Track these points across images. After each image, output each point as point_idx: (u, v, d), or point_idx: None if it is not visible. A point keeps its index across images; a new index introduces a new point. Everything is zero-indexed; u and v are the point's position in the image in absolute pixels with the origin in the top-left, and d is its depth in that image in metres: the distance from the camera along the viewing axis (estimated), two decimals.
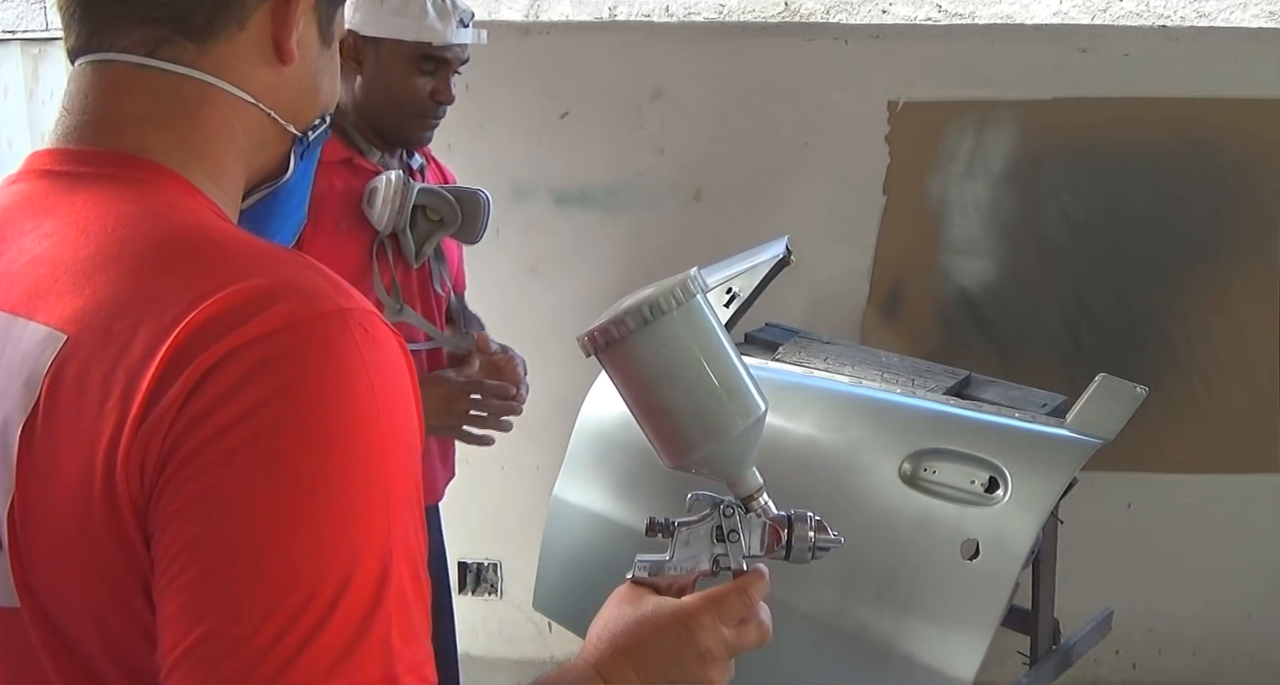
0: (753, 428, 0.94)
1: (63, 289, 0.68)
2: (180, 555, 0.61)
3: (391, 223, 1.74)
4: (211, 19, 0.74)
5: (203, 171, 0.76)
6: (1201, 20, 2.82)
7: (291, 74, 0.78)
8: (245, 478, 0.61)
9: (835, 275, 2.76)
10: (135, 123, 0.74)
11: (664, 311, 0.87)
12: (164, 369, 0.62)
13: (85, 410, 0.64)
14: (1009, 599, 1.56)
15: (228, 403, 0.61)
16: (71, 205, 0.72)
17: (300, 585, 0.60)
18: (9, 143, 2.59)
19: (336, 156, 1.77)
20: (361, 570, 0.62)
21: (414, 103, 1.78)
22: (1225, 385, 2.75)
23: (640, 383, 0.92)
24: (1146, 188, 2.70)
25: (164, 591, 0.61)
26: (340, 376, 0.64)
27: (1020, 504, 1.59)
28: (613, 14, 2.92)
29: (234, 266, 0.67)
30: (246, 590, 0.60)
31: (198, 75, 0.74)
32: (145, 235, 0.69)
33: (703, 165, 2.77)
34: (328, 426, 0.63)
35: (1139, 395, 1.71)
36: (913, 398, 1.85)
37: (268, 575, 0.60)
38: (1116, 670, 2.90)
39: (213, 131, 0.76)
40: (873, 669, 1.64)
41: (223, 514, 0.61)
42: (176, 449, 0.61)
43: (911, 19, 2.86)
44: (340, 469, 0.63)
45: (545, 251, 2.81)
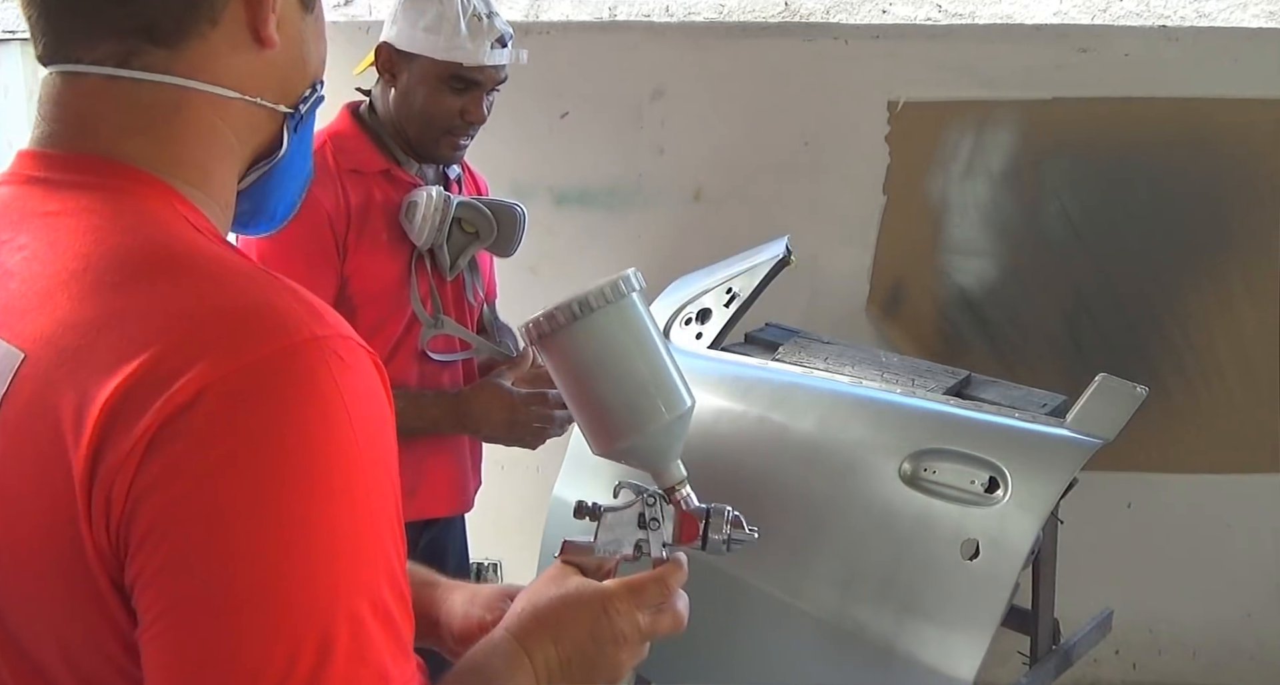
0: (677, 422, 1.00)
1: (27, 305, 0.66)
2: (165, 613, 0.60)
3: (431, 239, 1.73)
4: (180, 23, 0.71)
5: (185, 177, 0.73)
6: (1201, 20, 2.82)
7: (276, 55, 0.76)
8: (229, 528, 0.60)
9: (835, 275, 2.76)
10: (113, 130, 0.72)
11: (594, 308, 0.92)
12: (126, 402, 0.60)
13: (42, 436, 0.62)
14: (1009, 599, 1.56)
15: (201, 446, 0.59)
16: (45, 217, 0.70)
17: (296, 630, 0.60)
18: (9, 143, 2.59)
19: (376, 167, 1.76)
20: (353, 605, 0.62)
21: (441, 121, 1.75)
22: (1225, 385, 2.75)
23: (571, 373, 0.97)
24: (1146, 188, 2.70)
25: (151, 644, 0.61)
26: (319, 412, 0.62)
27: (1020, 504, 1.59)
28: (613, 14, 2.92)
29: (201, 289, 0.65)
30: (241, 640, 0.59)
31: (172, 80, 0.72)
32: (111, 251, 0.67)
33: (703, 165, 2.77)
34: (310, 467, 0.62)
35: (1139, 395, 1.71)
36: (913, 398, 1.85)
37: (261, 626, 0.60)
38: (1116, 670, 2.90)
39: (193, 135, 0.74)
40: (873, 669, 1.64)
41: (208, 566, 0.59)
42: (147, 495, 0.59)
43: (911, 19, 2.86)
44: (324, 510, 0.62)
45: (545, 251, 2.81)
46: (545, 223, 2.80)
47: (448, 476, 1.85)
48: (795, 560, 1.76)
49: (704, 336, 2.14)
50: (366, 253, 1.71)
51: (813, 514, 1.76)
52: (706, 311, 2.17)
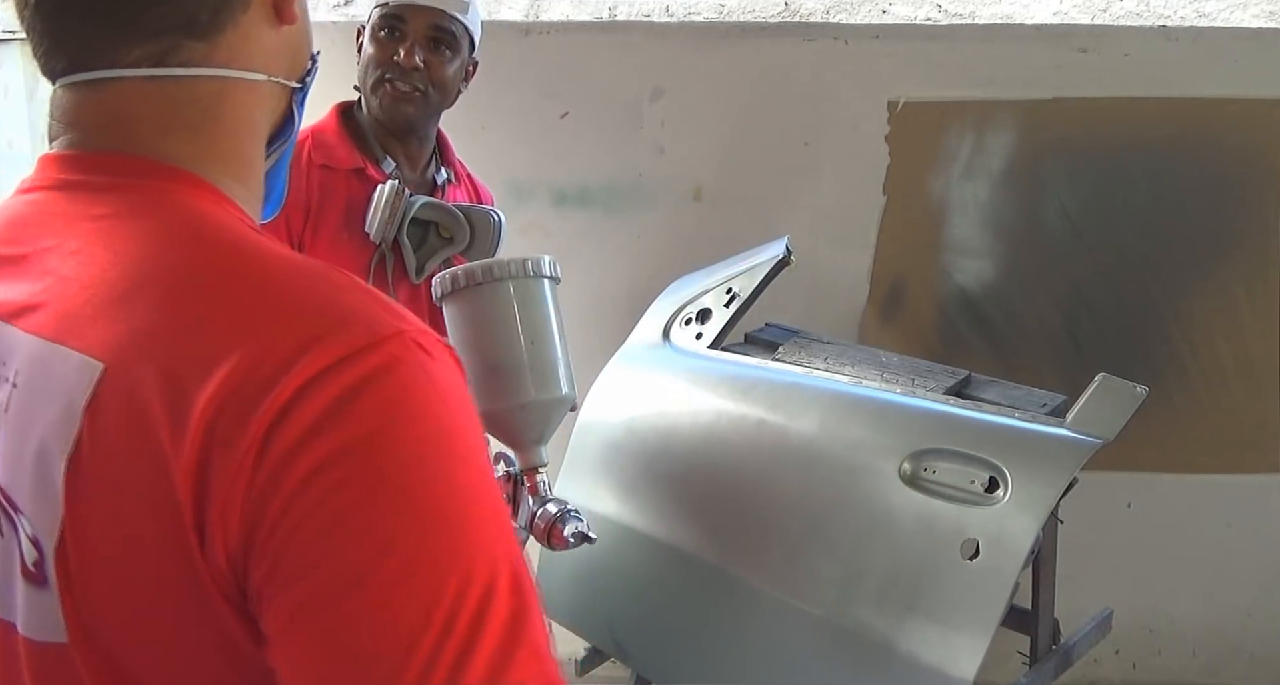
0: (545, 406, 1.04)
1: (94, 314, 0.64)
2: (306, 609, 0.58)
3: (383, 232, 1.72)
4: (216, 14, 0.70)
5: (228, 174, 0.72)
6: (1201, 20, 2.83)
7: (292, 32, 0.75)
8: (357, 519, 0.58)
9: (835, 275, 2.76)
10: (152, 131, 0.70)
11: (497, 277, 1.00)
12: (228, 408, 0.59)
13: (137, 449, 0.60)
14: (1009, 599, 1.56)
15: (317, 439, 0.58)
16: (96, 221, 0.68)
17: (439, 608, 0.58)
18: (9, 143, 2.59)
19: (348, 164, 1.76)
20: (498, 583, 0.60)
21: (375, 66, 1.76)
22: (1225, 385, 2.75)
23: (463, 331, 1.03)
24: (1146, 187, 2.70)
25: (294, 641, 0.59)
26: (421, 398, 0.62)
27: (1020, 504, 1.59)
28: (613, 14, 2.92)
29: (278, 288, 0.64)
30: (386, 629, 0.58)
31: (213, 72, 0.71)
32: (177, 253, 0.66)
33: (703, 165, 2.77)
34: (425, 454, 0.61)
35: (1139, 395, 1.71)
36: (913, 398, 1.85)
37: (405, 613, 0.58)
38: (1116, 670, 2.90)
39: (233, 127, 0.73)
40: (873, 669, 1.64)
41: (342, 559, 0.58)
42: (268, 498, 0.58)
43: (911, 19, 2.86)
44: (448, 492, 0.61)
45: (545, 251, 2.80)
46: (544, 223, 2.81)
47: None
48: (795, 560, 1.76)
49: (704, 336, 2.14)
50: (325, 250, 1.71)
51: (813, 514, 1.76)
52: (706, 311, 2.17)
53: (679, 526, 1.91)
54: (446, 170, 1.91)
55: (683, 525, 1.91)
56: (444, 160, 1.93)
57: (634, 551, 1.97)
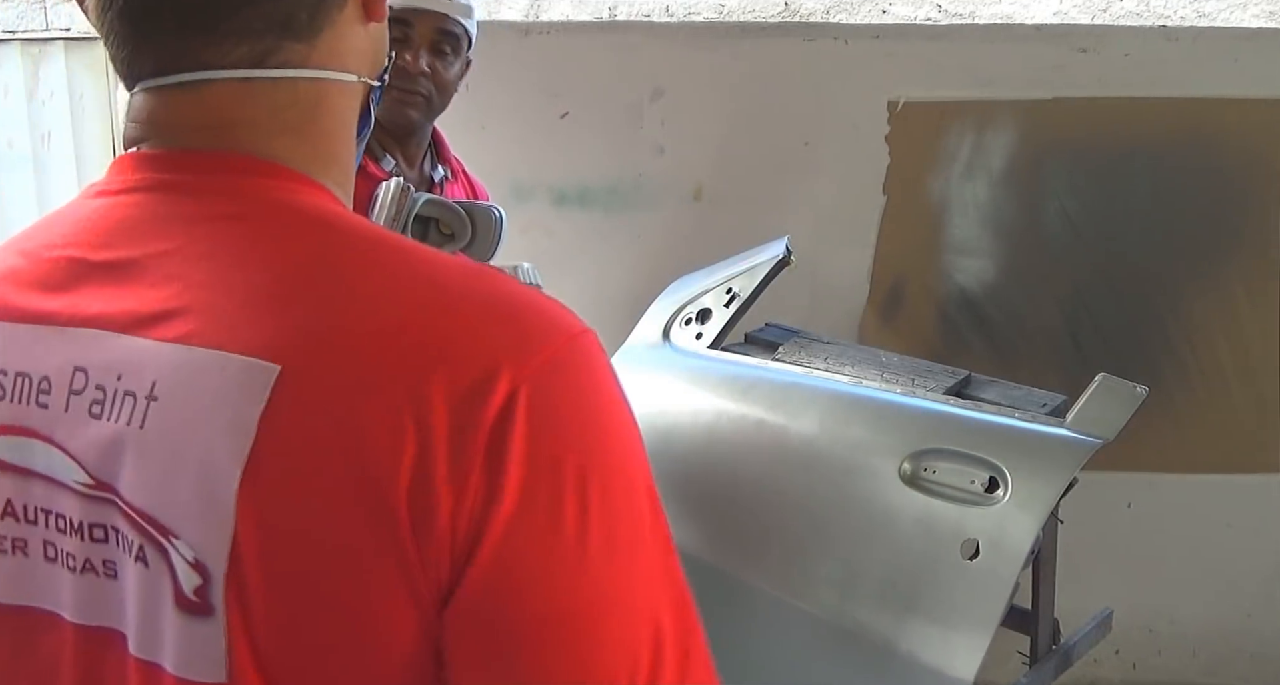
0: None
1: (252, 316, 0.60)
2: (513, 633, 0.57)
3: (389, 229, 1.73)
4: (315, 13, 0.67)
5: (330, 176, 0.70)
6: (1201, 20, 2.83)
7: (376, 29, 0.73)
8: (564, 528, 0.58)
9: (835, 275, 2.76)
10: (255, 132, 0.67)
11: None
12: (443, 416, 0.56)
13: (340, 453, 0.57)
14: (1009, 599, 1.56)
15: (535, 452, 0.57)
16: (219, 221, 0.64)
17: (646, 635, 0.59)
18: (9, 143, 2.59)
19: None
20: (684, 599, 0.63)
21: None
22: (1225, 385, 2.74)
23: None
24: (1146, 188, 2.70)
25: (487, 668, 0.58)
26: (616, 400, 0.63)
27: (1020, 504, 1.59)
28: (613, 14, 2.92)
29: (456, 287, 0.62)
30: (602, 648, 0.58)
31: (313, 74, 0.68)
32: (327, 252, 0.63)
33: (703, 165, 2.77)
34: (629, 458, 0.62)
35: (1139, 395, 1.71)
36: (913, 398, 1.85)
37: (621, 628, 0.59)
38: (1116, 670, 2.90)
39: (332, 129, 0.71)
40: (873, 669, 1.64)
41: (545, 586, 0.57)
42: (489, 514, 0.56)
43: (911, 19, 2.86)
44: (647, 498, 0.62)
45: (545, 251, 2.81)
46: (544, 223, 2.81)
47: None
48: (795, 560, 1.76)
49: (704, 336, 2.13)
50: None
51: (812, 514, 1.76)
52: (706, 311, 2.17)
53: (678, 527, 1.90)
54: (443, 167, 1.91)
55: (682, 525, 1.91)
56: (440, 157, 1.94)
57: None
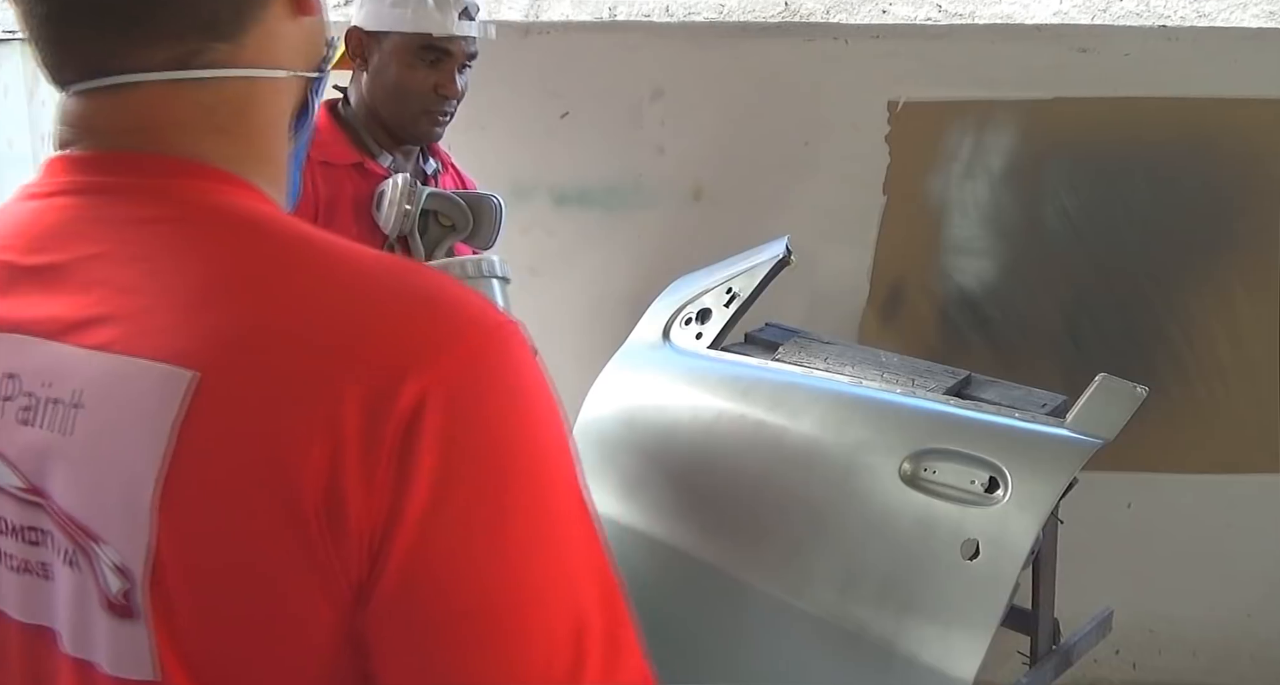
0: None
1: (174, 322, 0.60)
2: (421, 630, 0.58)
3: (398, 226, 1.73)
4: (240, 11, 0.67)
5: (262, 174, 0.70)
6: (1201, 20, 2.83)
7: (310, 21, 0.72)
8: (476, 537, 0.58)
9: (835, 275, 2.76)
10: (183, 133, 0.67)
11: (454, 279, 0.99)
12: (351, 421, 0.56)
13: (254, 456, 0.57)
14: (1009, 599, 1.56)
15: (443, 457, 0.57)
16: (147, 224, 0.65)
17: (568, 628, 0.60)
18: (9, 142, 2.59)
19: (348, 160, 1.77)
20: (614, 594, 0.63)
21: (416, 95, 1.77)
22: (1225, 385, 2.75)
23: None
24: (1146, 187, 2.70)
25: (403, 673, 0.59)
26: (533, 396, 0.62)
27: (1020, 504, 1.59)
28: (613, 14, 2.92)
29: (378, 285, 0.62)
30: (513, 644, 0.59)
31: (240, 73, 0.68)
32: (257, 254, 0.63)
33: (703, 165, 2.77)
34: (544, 453, 0.62)
35: (1139, 395, 1.71)
36: (913, 398, 1.85)
37: (529, 627, 0.59)
38: (1116, 670, 2.90)
39: (263, 126, 0.70)
40: (873, 669, 1.64)
41: (463, 579, 0.58)
42: (398, 519, 0.57)
43: (911, 19, 2.86)
44: (562, 495, 0.62)
45: (545, 251, 2.81)
46: (545, 223, 2.81)
47: None
48: (795, 560, 1.76)
49: (704, 336, 2.14)
50: None
51: (813, 514, 1.76)
52: (706, 311, 2.17)
53: (679, 526, 1.91)
54: (435, 160, 1.92)
55: (683, 525, 1.91)
56: (430, 150, 1.94)
57: (634, 552, 1.97)
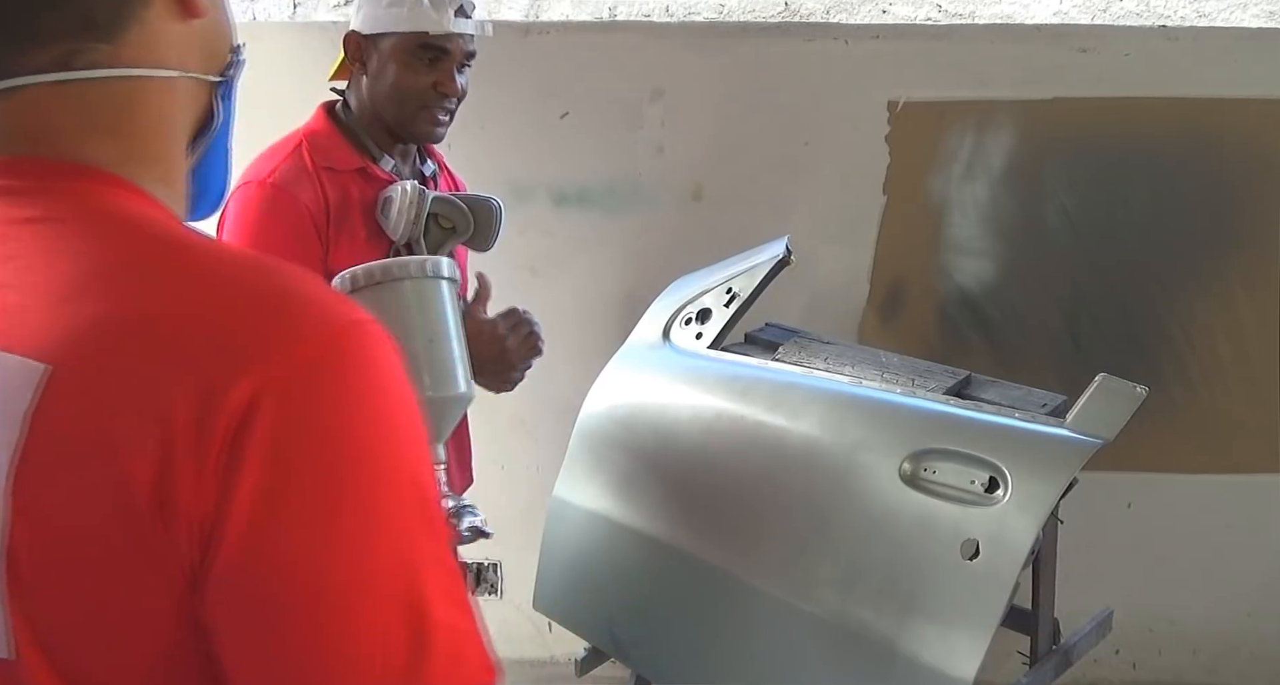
0: (443, 401, 1.08)
1: (37, 317, 0.63)
2: (254, 615, 0.60)
3: (407, 233, 1.73)
4: (116, 11, 0.68)
5: (151, 174, 0.71)
6: (1201, 20, 2.83)
7: (202, 24, 0.73)
8: (306, 528, 0.60)
9: (835, 275, 2.76)
10: (68, 135, 0.68)
11: (396, 277, 1.03)
12: (185, 417, 0.59)
13: (98, 447, 0.60)
14: (1009, 599, 1.56)
15: (271, 454, 0.59)
16: (25, 224, 0.66)
17: (403, 620, 0.61)
18: None
19: (351, 165, 1.76)
20: (444, 580, 0.64)
21: (416, 95, 1.76)
22: (1225, 385, 2.75)
23: None
24: (1146, 187, 2.70)
25: (240, 663, 0.61)
26: (376, 398, 0.63)
27: (1020, 504, 1.59)
28: (613, 14, 2.92)
29: (227, 285, 0.64)
30: (340, 635, 0.60)
31: (122, 72, 0.69)
32: (122, 253, 0.65)
33: (703, 165, 2.77)
34: (378, 455, 0.63)
35: (1139, 395, 1.71)
36: (913, 398, 1.85)
37: (376, 621, 0.61)
38: (1116, 670, 2.90)
39: (153, 126, 0.72)
40: (873, 669, 1.64)
41: (293, 569, 0.60)
42: (227, 512, 0.59)
43: (911, 19, 2.86)
44: (396, 494, 0.63)
45: (544, 252, 2.81)
46: (544, 223, 2.81)
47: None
48: (795, 560, 1.76)
49: (704, 336, 2.14)
50: (345, 249, 1.72)
51: (813, 514, 1.76)
52: (706, 311, 2.17)
53: (679, 526, 1.91)
54: (432, 162, 1.92)
55: (683, 525, 1.91)
56: (425, 151, 1.94)
57: (634, 551, 1.97)
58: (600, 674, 2.18)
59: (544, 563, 2.12)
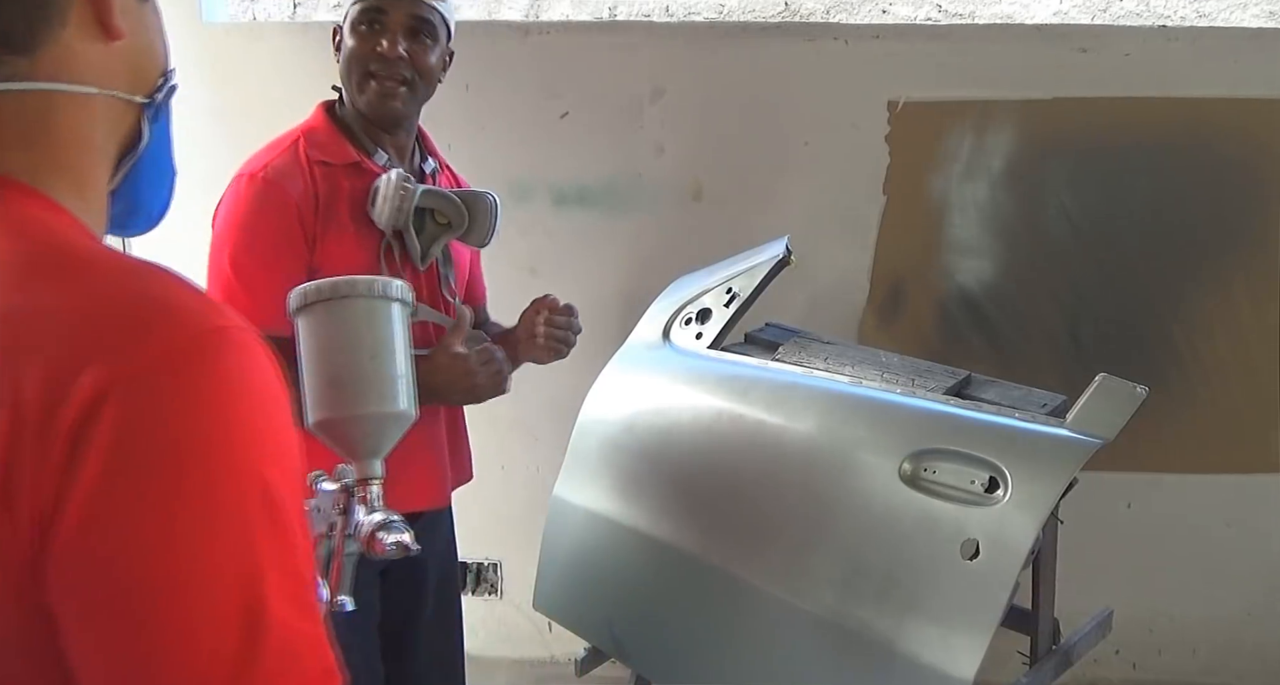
0: (383, 418, 1.08)
1: None
2: (89, 613, 0.61)
3: (392, 220, 1.74)
4: (32, 26, 0.71)
5: (63, 185, 0.74)
6: (1201, 20, 2.83)
7: (124, 46, 0.76)
8: (143, 521, 0.61)
9: (835, 275, 2.76)
10: None
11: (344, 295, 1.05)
12: (30, 412, 0.60)
13: None
14: (1009, 599, 1.56)
15: (110, 453, 0.60)
16: None
17: (238, 616, 0.62)
18: None
19: (344, 159, 1.77)
20: (289, 582, 0.65)
21: (358, 61, 1.77)
22: (1225, 385, 2.75)
23: (311, 342, 1.07)
24: (1146, 187, 2.70)
25: (80, 650, 0.62)
26: (226, 402, 0.64)
27: (1020, 504, 1.59)
28: (613, 14, 2.93)
29: (95, 287, 0.66)
30: (168, 634, 0.61)
31: (37, 86, 0.72)
32: (11, 254, 0.67)
33: (703, 165, 2.77)
34: (214, 457, 0.63)
35: (1139, 395, 1.71)
36: (913, 398, 1.85)
37: (210, 615, 0.62)
38: (1116, 670, 2.90)
39: (65, 140, 0.74)
40: (873, 669, 1.64)
41: (129, 560, 0.61)
42: (65, 505, 0.60)
43: (911, 19, 2.86)
44: (234, 497, 0.64)
45: (545, 252, 2.81)
46: (544, 223, 2.81)
47: (425, 473, 1.85)
48: (795, 560, 1.76)
49: (704, 336, 2.14)
50: (334, 242, 1.72)
51: (813, 514, 1.76)
52: (706, 311, 2.17)
53: (679, 526, 1.91)
54: (433, 160, 1.93)
55: (683, 525, 1.91)
56: (427, 150, 1.95)
57: (634, 551, 1.97)
58: (600, 674, 2.18)
59: (544, 563, 2.12)
